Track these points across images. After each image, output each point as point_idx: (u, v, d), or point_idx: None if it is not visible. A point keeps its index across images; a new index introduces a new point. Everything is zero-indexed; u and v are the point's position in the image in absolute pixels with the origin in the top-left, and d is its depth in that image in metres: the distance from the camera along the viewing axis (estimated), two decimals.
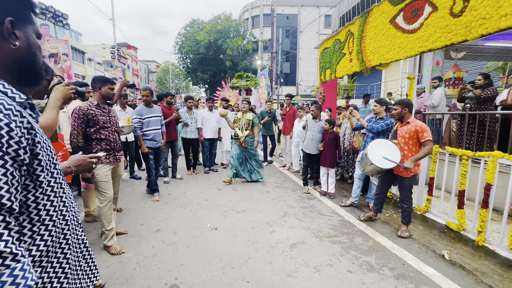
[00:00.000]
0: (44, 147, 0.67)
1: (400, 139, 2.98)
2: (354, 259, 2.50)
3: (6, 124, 0.54)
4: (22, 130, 0.58)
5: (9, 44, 0.63)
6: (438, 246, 2.76)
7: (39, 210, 0.65)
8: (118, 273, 2.21)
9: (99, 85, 2.51)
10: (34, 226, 0.65)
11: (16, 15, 0.64)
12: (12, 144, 0.55)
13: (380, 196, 3.23)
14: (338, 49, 5.22)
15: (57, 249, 0.72)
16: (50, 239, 0.69)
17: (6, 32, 0.62)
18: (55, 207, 0.71)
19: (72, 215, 0.80)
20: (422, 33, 3.16)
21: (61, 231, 0.73)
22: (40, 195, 0.66)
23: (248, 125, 4.69)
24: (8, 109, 0.56)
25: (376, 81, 13.14)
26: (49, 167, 0.70)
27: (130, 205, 3.74)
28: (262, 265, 2.37)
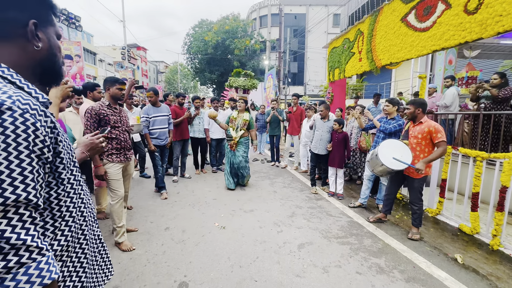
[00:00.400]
0: (65, 146, 0.69)
1: (412, 139, 2.91)
2: (363, 260, 2.47)
3: (32, 123, 0.56)
4: (46, 129, 0.60)
5: (33, 46, 0.65)
6: (450, 249, 2.70)
7: (60, 206, 0.68)
8: (129, 269, 2.26)
9: (108, 85, 2.59)
10: (55, 222, 0.67)
11: (39, 17, 0.66)
12: (37, 142, 0.57)
13: (389, 197, 3.18)
14: (347, 48, 5.16)
15: (76, 244, 0.74)
16: (70, 234, 0.71)
17: (30, 34, 0.64)
18: (75, 203, 0.73)
19: (89, 212, 0.82)
20: (434, 31, 3.09)
21: (79, 227, 0.76)
22: (62, 192, 0.68)
23: (244, 126, 4.40)
24: (34, 109, 0.58)
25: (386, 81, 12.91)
26: (69, 165, 0.71)
27: (140, 203, 3.81)
28: (270, 264, 2.38)
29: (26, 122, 0.55)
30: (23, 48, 0.64)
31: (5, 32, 0.61)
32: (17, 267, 0.50)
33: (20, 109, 0.54)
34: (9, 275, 0.49)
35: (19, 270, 0.50)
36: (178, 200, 3.95)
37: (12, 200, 0.51)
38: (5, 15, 0.61)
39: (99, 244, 0.91)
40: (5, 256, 0.50)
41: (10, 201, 0.51)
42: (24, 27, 0.63)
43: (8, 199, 0.50)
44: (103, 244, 0.93)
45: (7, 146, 0.52)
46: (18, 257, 0.51)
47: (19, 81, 0.62)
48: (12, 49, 0.63)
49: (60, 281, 0.70)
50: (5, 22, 0.61)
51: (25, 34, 0.64)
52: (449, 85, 4.96)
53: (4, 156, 0.51)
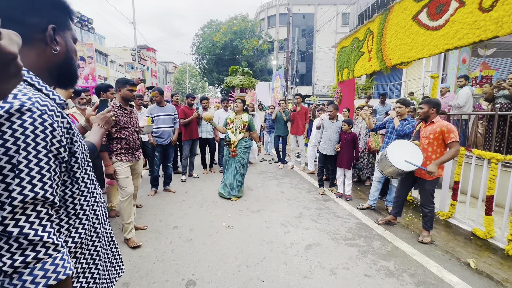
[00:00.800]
0: (80, 146, 0.72)
1: (424, 140, 2.84)
2: (372, 263, 2.44)
3: (50, 124, 0.58)
4: (62, 130, 0.62)
5: (51, 50, 0.68)
6: (463, 253, 2.63)
7: (74, 204, 0.70)
8: (138, 267, 2.31)
9: (120, 87, 2.65)
10: (70, 220, 0.69)
11: (57, 22, 0.68)
12: (54, 142, 0.59)
13: (399, 199, 3.12)
14: (356, 47, 5.10)
15: (89, 241, 0.76)
16: (84, 232, 0.73)
17: (48, 38, 0.66)
18: (88, 202, 0.75)
19: (101, 210, 0.85)
20: (447, 30, 3.02)
21: (92, 224, 0.77)
22: (76, 191, 0.70)
23: (243, 128, 4.04)
24: (51, 110, 0.60)
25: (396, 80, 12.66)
26: (84, 165, 0.74)
27: (149, 201, 3.87)
28: (277, 265, 2.37)
29: (44, 122, 0.57)
30: (42, 51, 0.67)
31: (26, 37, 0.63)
32: (34, 262, 0.52)
33: (39, 110, 0.57)
34: (26, 270, 0.51)
35: (36, 265, 0.52)
36: (186, 199, 4.00)
37: (31, 197, 0.53)
38: (26, 20, 0.63)
39: (111, 242, 0.93)
40: (23, 251, 0.52)
41: (29, 198, 0.53)
42: (43, 31, 0.66)
43: (27, 197, 0.52)
44: (115, 242, 0.96)
45: (27, 145, 0.54)
46: (35, 252, 0.52)
47: (38, 83, 0.64)
48: (31, 52, 0.65)
49: (73, 277, 0.72)
50: (27, 27, 0.63)
51: (44, 39, 0.66)
52: (462, 84, 4.83)
53: (24, 155, 0.53)
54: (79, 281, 0.74)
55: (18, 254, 0.51)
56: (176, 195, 4.15)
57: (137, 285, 2.08)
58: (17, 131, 0.53)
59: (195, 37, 27.07)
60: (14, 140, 0.52)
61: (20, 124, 0.53)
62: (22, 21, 0.63)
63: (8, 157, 0.52)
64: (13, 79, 0.38)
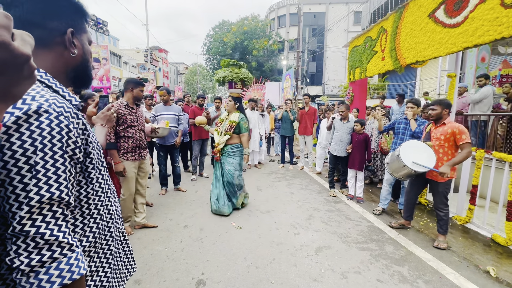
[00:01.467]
0: (95, 147, 0.73)
1: (435, 141, 2.78)
2: (385, 268, 2.37)
3: (66, 125, 0.59)
4: (78, 131, 0.63)
5: (69, 53, 0.69)
6: (482, 260, 2.51)
7: (89, 204, 0.71)
8: (149, 265, 2.34)
9: (132, 86, 2.69)
10: (84, 219, 0.70)
11: (75, 25, 0.70)
12: (70, 143, 0.60)
13: (410, 202, 3.04)
14: (369, 46, 4.99)
15: (103, 240, 0.77)
16: (98, 231, 0.74)
17: (67, 41, 0.68)
18: (102, 201, 0.76)
19: (115, 210, 0.86)
20: (466, 27, 2.90)
21: (106, 224, 0.79)
22: (91, 191, 0.71)
23: (230, 129, 3.43)
24: (68, 112, 0.61)
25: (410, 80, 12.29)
26: (98, 165, 0.75)
27: (160, 200, 3.93)
28: (287, 267, 2.35)
29: (60, 124, 0.58)
30: (61, 54, 0.68)
31: (46, 40, 0.65)
32: (50, 261, 0.53)
33: (56, 111, 0.58)
34: (42, 269, 0.52)
35: (52, 264, 0.53)
36: (196, 198, 4.03)
37: (47, 198, 0.54)
38: (47, 24, 0.65)
39: (123, 241, 0.94)
40: (40, 251, 0.53)
41: (45, 198, 0.54)
42: (62, 35, 0.67)
43: (43, 197, 0.53)
44: (127, 241, 0.97)
45: (44, 146, 0.55)
46: (51, 252, 0.53)
47: (55, 85, 0.66)
48: (50, 55, 0.67)
49: (87, 275, 0.73)
50: (47, 31, 0.65)
51: (63, 42, 0.68)
52: (482, 84, 4.62)
53: (41, 156, 0.54)
54: (92, 280, 0.75)
55: (34, 253, 0.52)
56: (187, 195, 4.19)
57: (149, 283, 2.11)
58: (34, 132, 0.54)
59: (206, 37, 27.31)
60: (32, 141, 0.53)
61: (37, 126, 0.54)
62: (43, 25, 0.64)
63: (26, 158, 0.53)
64: (26, 81, 0.38)
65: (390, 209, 3.76)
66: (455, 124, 2.66)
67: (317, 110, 5.82)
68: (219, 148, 3.51)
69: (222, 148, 3.52)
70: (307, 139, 5.86)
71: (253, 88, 11.65)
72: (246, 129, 3.50)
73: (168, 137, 4.12)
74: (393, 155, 2.92)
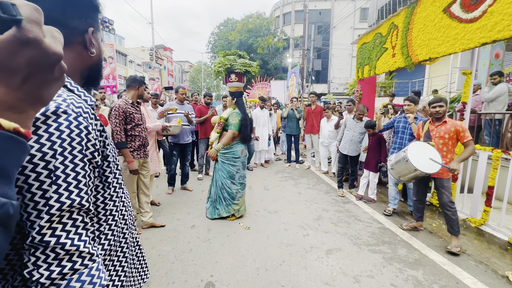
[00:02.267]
0: (112, 149, 0.69)
1: (438, 140, 2.74)
2: (398, 272, 2.30)
3: (85, 127, 0.55)
4: (96, 133, 0.60)
5: (88, 52, 0.66)
6: (499, 265, 2.42)
7: (106, 210, 0.67)
8: (158, 266, 2.31)
9: (138, 85, 2.67)
10: (101, 226, 0.66)
11: (94, 24, 0.67)
12: (89, 146, 0.56)
13: (419, 203, 2.99)
14: (379, 43, 4.87)
15: (118, 248, 0.74)
16: (113, 238, 0.70)
17: (88, 41, 0.65)
18: (117, 207, 0.73)
19: (129, 215, 0.82)
20: (484, 22, 2.78)
21: (121, 230, 0.75)
22: (108, 196, 0.67)
23: (218, 126, 3.20)
24: (86, 112, 0.58)
25: (419, 77, 12.04)
26: (114, 168, 0.71)
27: (166, 199, 3.91)
28: (297, 269, 2.30)
29: (80, 125, 0.54)
30: (80, 54, 0.66)
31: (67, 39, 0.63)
32: (71, 273, 0.50)
33: (74, 112, 0.54)
34: (63, 282, 0.49)
35: (73, 276, 0.50)
36: (203, 198, 3.99)
37: (68, 205, 0.50)
38: (70, 24, 0.62)
39: (137, 247, 0.90)
40: (60, 262, 0.49)
41: (66, 206, 0.50)
42: (82, 34, 0.65)
43: (64, 204, 0.50)
44: (140, 246, 0.93)
45: (63, 150, 0.51)
46: (72, 263, 0.50)
47: (70, 84, 0.62)
48: (70, 55, 0.64)
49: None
50: (69, 30, 0.62)
51: (83, 41, 0.65)
52: (497, 82, 4.47)
53: (61, 161, 0.50)
54: None
55: (55, 265, 0.48)
56: (193, 194, 4.16)
57: (157, 284, 2.08)
58: (53, 134, 0.50)
59: (210, 35, 27.31)
60: (51, 145, 0.49)
61: (56, 128, 0.51)
62: (66, 23, 0.61)
63: (45, 162, 0.49)
64: (57, 83, 0.35)
65: (400, 210, 3.68)
66: (457, 123, 2.70)
67: (323, 108, 5.74)
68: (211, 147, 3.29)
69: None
70: (314, 138, 5.78)
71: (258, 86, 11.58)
72: (233, 125, 3.10)
73: (183, 135, 4.10)
74: (399, 159, 2.79)
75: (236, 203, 3.24)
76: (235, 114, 3.16)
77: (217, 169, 3.28)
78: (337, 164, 5.46)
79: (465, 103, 3.44)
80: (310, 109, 5.73)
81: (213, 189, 3.31)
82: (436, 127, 2.78)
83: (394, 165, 2.84)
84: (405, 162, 2.68)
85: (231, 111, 3.21)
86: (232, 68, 3.28)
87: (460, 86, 3.55)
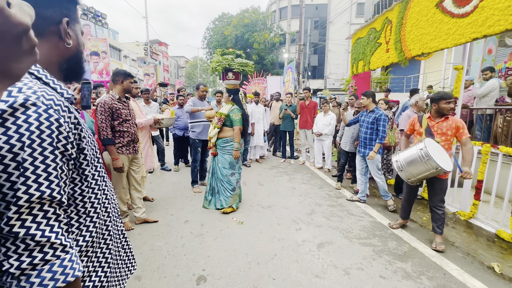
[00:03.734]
0: (89, 142, 0.69)
1: (440, 136, 2.65)
2: (388, 264, 2.34)
3: (56, 119, 0.55)
4: (69, 125, 0.60)
5: (63, 43, 0.66)
6: (486, 257, 2.48)
7: (85, 202, 0.68)
8: (150, 260, 2.32)
9: (122, 78, 2.60)
10: (80, 218, 0.67)
11: (69, 14, 0.66)
12: (61, 139, 0.57)
13: (410, 203, 2.95)
14: (373, 38, 4.87)
15: (101, 239, 0.75)
16: (95, 230, 0.71)
17: (63, 32, 0.65)
18: (99, 199, 0.73)
19: (113, 207, 0.83)
20: (476, 17, 2.80)
21: (104, 222, 0.76)
22: (86, 188, 0.68)
23: (219, 121, 3.31)
24: (58, 105, 0.58)
25: (414, 73, 12.10)
26: (93, 161, 0.72)
27: (161, 195, 3.91)
28: (288, 263, 2.33)
29: (50, 118, 0.54)
30: (55, 45, 0.65)
31: (41, 30, 0.62)
32: (41, 264, 0.51)
33: (44, 104, 0.54)
34: (34, 272, 0.50)
35: (44, 267, 0.51)
36: (197, 194, 4.00)
37: (37, 197, 0.51)
38: (42, 13, 0.61)
39: (123, 239, 0.92)
40: (31, 253, 0.50)
41: (35, 198, 0.51)
42: (57, 24, 0.64)
43: (32, 196, 0.50)
44: (126, 238, 0.94)
45: (32, 142, 0.51)
46: (42, 254, 0.51)
47: (45, 77, 0.62)
48: (44, 46, 0.63)
49: (85, 275, 0.71)
50: (42, 19, 0.61)
51: (58, 32, 0.64)
52: (488, 77, 4.51)
53: (29, 153, 0.51)
54: (91, 280, 0.72)
55: (25, 256, 0.50)
56: (187, 190, 4.16)
57: (149, 278, 2.09)
58: (21, 127, 0.50)
59: (206, 30, 26.95)
60: (19, 137, 0.50)
61: (24, 120, 0.51)
62: (37, 12, 0.62)
63: (13, 154, 0.49)
64: (27, 57, 0.34)
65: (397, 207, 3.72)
66: (456, 118, 2.65)
67: (317, 104, 5.75)
68: (212, 142, 3.42)
69: (215, 142, 3.43)
70: (308, 133, 5.80)
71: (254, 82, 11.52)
72: (237, 121, 3.28)
73: (204, 131, 4.06)
74: (414, 159, 2.50)
75: (235, 194, 3.42)
76: (236, 110, 3.32)
77: (217, 162, 3.44)
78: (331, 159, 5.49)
79: (456, 98, 3.47)
80: (304, 103, 5.73)
81: (213, 181, 3.48)
82: (437, 123, 2.66)
83: (406, 166, 2.57)
84: (425, 161, 2.41)
85: (230, 108, 3.33)
86: (229, 67, 3.42)
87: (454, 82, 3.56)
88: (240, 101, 3.41)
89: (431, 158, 2.35)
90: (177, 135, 5.08)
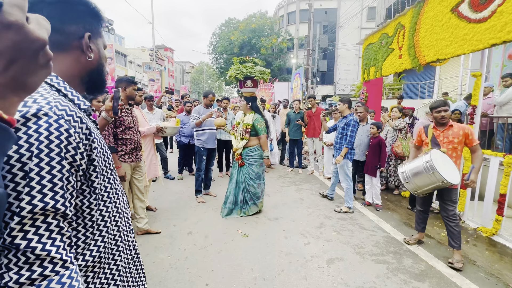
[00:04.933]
0: (101, 153, 0.68)
1: (447, 145, 2.55)
2: (403, 283, 2.19)
3: (66, 129, 0.55)
4: (80, 136, 0.59)
5: (85, 57, 0.68)
6: (511, 278, 2.28)
7: (92, 216, 0.66)
8: (151, 273, 2.25)
9: (125, 85, 2.59)
10: (87, 232, 0.65)
11: (92, 29, 0.70)
12: (70, 149, 0.56)
13: (425, 212, 2.79)
14: (385, 44, 4.74)
15: (109, 255, 0.72)
16: (103, 245, 0.69)
17: (84, 46, 0.67)
18: (109, 213, 0.72)
19: (124, 221, 0.80)
20: (494, 22, 2.66)
21: (113, 237, 0.74)
22: (94, 201, 0.66)
23: (246, 133, 3.35)
24: (70, 115, 0.58)
25: (429, 79, 11.75)
26: (105, 173, 0.70)
27: (163, 205, 3.84)
28: (296, 279, 2.20)
29: (60, 128, 0.54)
30: (77, 59, 0.68)
31: (63, 44, 0.65)
32: (40, 279, 0.49)
33: (56, 115, 0.54)
34: (32, 287, 0.48)
35: (42, 283, 0.49)
36: (201, 204, 3.91)
37: (40, 208, 0.49)
38: (66, 29, 0.65)
39: (134, 255, 0.87)
40: (30, 267, 0.48)
41: (38, 209, 0.49)
42: (79, 39, 0.67)
43: (36, 207, 0.49)
44: (138, 254, 0.90)
45: (40, 152, 0.51)
46: (42, 268, 0.49)
47: (64, 89, 0.64)
48: (67, 59, 0.66)
49: None
50: (65, 35, 0.65)
51: (80, 46, 0.67)
52: (509, 84, 4.27)
53: (36, 163, 0.50)
54: None
55: (24, 269, 0.48)
56: (191, 200, 4.08)
57: None
58: (31, 136, 0.50)
59: (212, 36, 27.17)
60: (28, 146, 0.50)
61: (35, 130, 0.51)
62: (62, 29, 0.64)
63: (21, 164, 0.49)
64: (42, 70, 0.35)
65: (407, 219, 3.54)
66: (464, 125, 2.56)
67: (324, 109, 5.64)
68: (238, 154, 3.45)
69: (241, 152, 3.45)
70: (316, 141, 5.66)
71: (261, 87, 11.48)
72: (262, 130, 3.34)
73: (210, 140, 3.94)
74: (419, 171, 2.44)
75: (261, 201, 3.55)
76: (259, 119, 3.37)
77: (243, 173, 3.46)
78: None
79: (475, 107, 3.29)
80: (311, 112, 5.62)
81: (237, 191, 3.49)
82: (442, 132, 2.59)
83: (412, 178, 2.51)
84: (431, 174, 2.35)
85: (253, 117, 3.37)
86: (249, 75, 3.45)
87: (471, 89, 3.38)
88: (259, 108, 3.48)
89: (437, 171, 2.30)
90: (182, 142, 5.04)
